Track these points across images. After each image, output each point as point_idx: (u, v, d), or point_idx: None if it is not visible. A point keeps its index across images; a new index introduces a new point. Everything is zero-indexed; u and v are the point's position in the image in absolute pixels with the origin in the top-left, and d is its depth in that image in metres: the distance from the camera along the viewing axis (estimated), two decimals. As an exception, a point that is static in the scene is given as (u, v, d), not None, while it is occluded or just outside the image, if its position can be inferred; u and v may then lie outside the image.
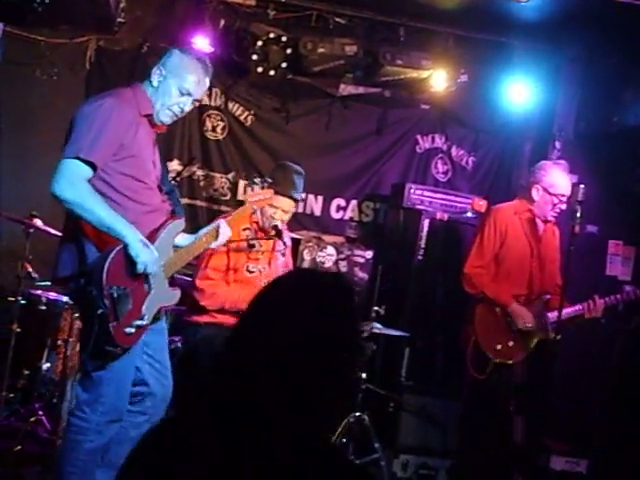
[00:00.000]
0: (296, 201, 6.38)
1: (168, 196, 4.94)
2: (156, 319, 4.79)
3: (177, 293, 4.89)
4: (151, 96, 4.70)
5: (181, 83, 4.68)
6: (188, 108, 4.80)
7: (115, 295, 4.38)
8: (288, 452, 2.11)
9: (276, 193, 5.90)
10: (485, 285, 6.46)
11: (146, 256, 4.44)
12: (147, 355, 4.82)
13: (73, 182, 4.36)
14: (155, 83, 4.69)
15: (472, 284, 6.52)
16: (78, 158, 4.38)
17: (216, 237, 5.00)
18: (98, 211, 4.37)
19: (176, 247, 4.86)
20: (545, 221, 6.58)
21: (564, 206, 6.46)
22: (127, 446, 4.69)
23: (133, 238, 4.40)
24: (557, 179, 6.46)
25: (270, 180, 5.64)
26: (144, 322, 4.59)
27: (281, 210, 6.23)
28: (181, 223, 4.86)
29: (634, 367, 7.56)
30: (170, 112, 4.74)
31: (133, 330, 4.50)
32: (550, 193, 6.44)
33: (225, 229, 5.02)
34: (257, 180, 5.52)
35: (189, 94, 4.71)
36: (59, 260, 4.67)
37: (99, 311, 4.36)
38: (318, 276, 2.49)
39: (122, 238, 4.39)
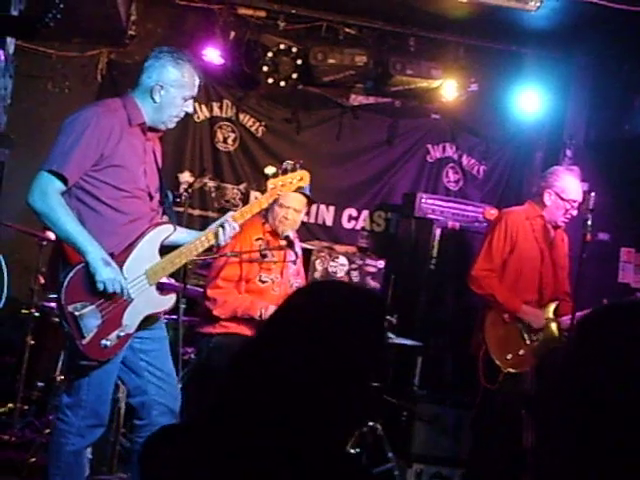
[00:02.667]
0: (307, 197, 6.26)
1: (162, 204, 4.95)
2: (149, 325, 4.81)
3: (169, 298, 4.86)
4: (148, 109, 4.73)
5: (185, 93, 4.76)
6: (191, 109, 4.92)
7: (77, 313, 4.43)
8: (310, 461, 2.12)
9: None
10: (495, 288, 6.43)
11: (105, 274, 4.44)
12: (146, 363, 4.84)
13: (44, 194, 4.43)
14: (157, 99, 4.71)
15: (480, 285, 6.48)
16: (51, 171, 4.44)
17: (217, 235, 4.89)
18: (64, 225, 4.42)
19: (176, 247, 4.83)
20: (555, 227, 6.57)
21: (575, 212, 6.45)
22: None
23: (94, 256, 4.42)
24: (569, 184, 6.46)
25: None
26: (125, 332, 4.61)
27: (293, 209, 6.21)
28: (167, 228, 4.83)
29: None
30: (178, 117, 4.82)
31: (109, 343, 4.54)
32: (562, 198, 6.43)
33: (230, 225, 4.89)
34: (270, 170, 5.35)
35: (191, 97, 4.82)
36: (47, 270, 4.76)
37: (65, 329, 4.46)
38: (349, 288, 2.48)
39: (84, 255, 4.43)
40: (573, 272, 6.46)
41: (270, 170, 5.26)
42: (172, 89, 4.72)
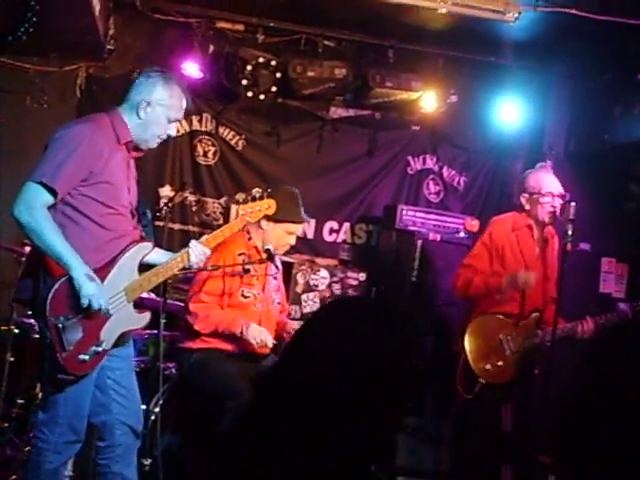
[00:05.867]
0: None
1: (140, 221, 4.94)
2: (121, 344, 4.81)
3: (145, 316, 4.89)
4: (133, 125, 4.74)
5: (169, 113, 4.77)
6: (174, 132, 4.92)
7: (60, 325, 4.43)
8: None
9: (282, 222, 6.14)
10: (472, 280, 6.37)
11: (90, 290, 4.44)
12: (112, 381, 4.84)
13: (31, 207, 4.41)
14: (142, 115, 4.72)
15: (460, 288, 6.46)
16: (41, 183, 4.42)
17: (188, 257, 4.94)
18: (49, 239, 4.40)
19: (151, 266, 4.87)
20: (542, 227, 6.52)
21: (557, 204, 6.40)
22: None
23: (79, 272, 4.42)
24: (540, 180, 6.46)
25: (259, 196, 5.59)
26: (102, 348, 4.61)
27: (295, 236, 6.40)
28: (147, 246, 4.86)
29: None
30: (160, 139, 4.83)
31: (87, 357, 4.54)
32: (537, 196, 6.42)
33: (197, 248, 4.95)
34: (240, 197, 5.50)
35: (177, 120, 4.84)
36: (20, 281, 4.75)
37: (46, 341, 4.43)
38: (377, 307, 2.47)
39: (68, 270, 4.42)
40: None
41: (240, 197, 5.42)
42: (158, 107, 4.73)
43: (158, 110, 4.73)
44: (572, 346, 6.44)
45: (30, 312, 4.87)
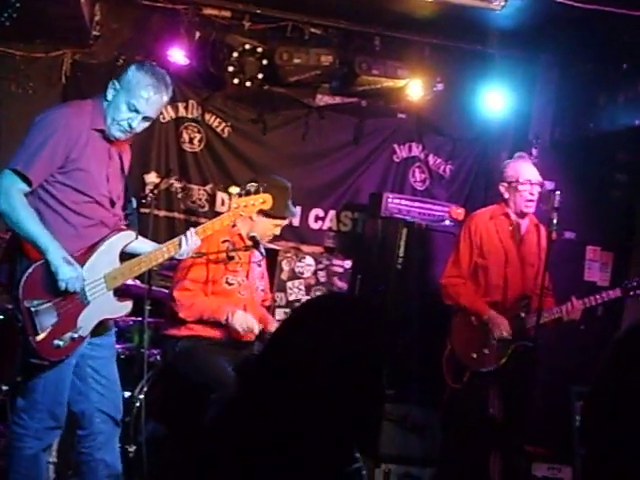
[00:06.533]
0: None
1: (124, 210, 4.92)
2: (102, 332, 4.81)
3: (126, 304, 4.88)
4: (105, 110, 4.70)
5: (129, 99, 4.65)
6: (137, 125, 4.73)
7: (33, 309, 4.43)
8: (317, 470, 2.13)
9: (274, 217, 6.14)
10: (461, 294, 6.48)
11: (67, 273, 4.45)
12: (91, 369, 4.84)
13: (6, 193, 4.44)
14: (109, 97, 4.70)
15: (449, 295, 6.55)
16: (15, 171, 4.44)
17: (179, 246, 4.94)
18: (25, 224, 4.42)
19: (134, 255, 4.85)
20: (522, 215, 6.56)
21: (535, 192, 6.45)
22: (101, 468, 4.77)
23: (55, 255, 4.43)
24: (517, 168, 6.53)
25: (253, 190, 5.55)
26: (78, 334, 4.60)
27: (280, 227, 6.41)
28: (129, 234, 4.84)
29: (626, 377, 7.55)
30: (120, 127, 4.70)
31: (62, 343, 4.53)
32: (516, 183, 6.47)
33: (192, 238, 4.96)
34: (233, 190, 5.44)
35: (136, 111, 4.67)
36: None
37: (18, 324, 4.44)
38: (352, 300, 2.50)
39: (45, 253, 4.43)
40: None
41: (234, 190, 5.35)
42: (121, 91, 4.67)
43: (120, 93, 4.66)
44: (561, 333, 6.49)
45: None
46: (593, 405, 2.82)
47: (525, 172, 6.48)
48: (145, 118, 4.72)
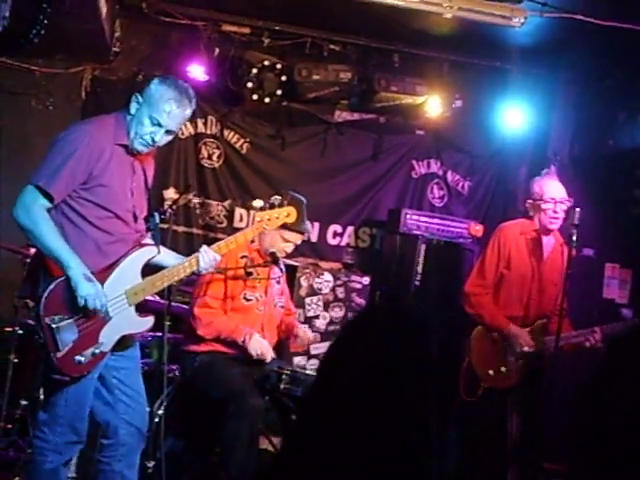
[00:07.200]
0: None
1: (147, 225, 4.93)
2: (124, 347, 4.80)
3: (147, 320, 4.85)
4: (128, 124, 4.70)
5: (152, 113, 4.63)
6: (160, 139, 4.71)
7: (54, 325, 4.43)
8: None
9: (289, 229, 6.00)
10: (483, 306, 6.43)
11: (86, 290, 4.44)
12: (118, 380, 4.83)
13: (29, 209, 4.45)
14: (132, 111, 4.68)
15: (470, 303, 6.49)
16: (38, 187, 4.45)
17: (197, 263, 4.92)
18: (47, 239, 4.42)
19: (159, 268, 4.84)
20: (547, 232, 6.51)
21: (559, 210, 6.40)
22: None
23: (76, 271, 4.42)
24: (544, 186, 6.47)
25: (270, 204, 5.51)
26: (100, 350, 4.59)
27: (293, 244, 6.29)
28: (151, 250, 4.82)
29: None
30: (143, 141, 4.69)
31: (84, 359, 4.53)
32: (539, 202, 6.43)
33: (207, 254, 4.92)
34: (257, 204, 5.38)
35: (159, 124, 4.65)
36: (24, 282, 4.82)
37: (40, 341, 4.45)
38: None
39: (66, 269, 4.43)
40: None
41: (258, 203, 5.29)
42: (143, 104, 4.66)
43: (143, 107, 4.65)
44: (579, 354, 6.44)
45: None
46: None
47: (550, 190, 6.44)
48: (168, 132, 4.71)
